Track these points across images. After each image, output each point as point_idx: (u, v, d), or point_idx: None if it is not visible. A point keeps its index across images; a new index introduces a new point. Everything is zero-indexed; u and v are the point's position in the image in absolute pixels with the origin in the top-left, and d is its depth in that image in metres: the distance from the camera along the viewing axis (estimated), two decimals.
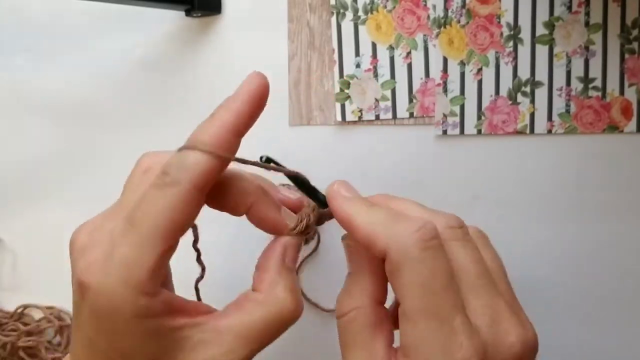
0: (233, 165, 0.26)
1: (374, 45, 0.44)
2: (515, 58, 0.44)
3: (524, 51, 0.44)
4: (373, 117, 0.45)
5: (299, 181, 0.29)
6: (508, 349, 0.25)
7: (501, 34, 0.44)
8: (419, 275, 0.24)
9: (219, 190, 0.26)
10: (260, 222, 0.27)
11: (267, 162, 0.28)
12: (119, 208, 0.26)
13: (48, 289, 0.49)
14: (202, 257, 0.29)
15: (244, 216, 0.28)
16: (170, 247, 0.24)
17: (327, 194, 0.28)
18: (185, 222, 0.24)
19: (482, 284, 0.26)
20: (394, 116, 0.45)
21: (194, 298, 0.29)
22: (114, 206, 0.27)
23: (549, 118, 0.44)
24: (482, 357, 0.24)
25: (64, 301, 0.49)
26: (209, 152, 0.24)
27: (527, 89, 0.44)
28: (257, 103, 0.26)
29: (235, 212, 0.27)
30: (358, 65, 0.44)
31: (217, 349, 0.24)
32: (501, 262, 0.29)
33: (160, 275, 0.24)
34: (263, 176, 0.29)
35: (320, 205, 0.29)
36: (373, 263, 0.27)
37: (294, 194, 0.29)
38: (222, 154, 0.24)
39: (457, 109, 0.44)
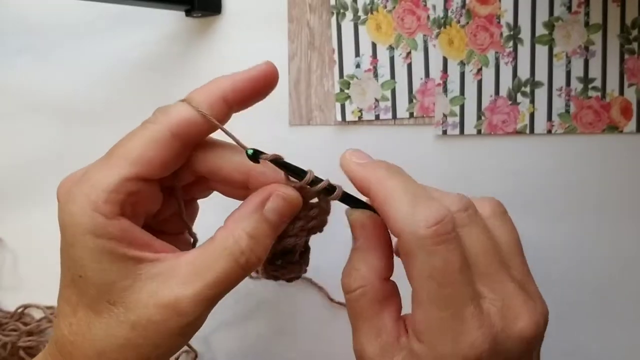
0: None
1: (374, 45, 0.44)
2: (515, 58, 0.44)
3: (523, 51, 0.44)
4: (373, 117, 0.45)
5: (279, 163, 0.28)
6: (518, 334, 0.25)
7: (501, 34, 0.44)
8: (432, 268, 0.24)
9: (217, 163, 0.28)
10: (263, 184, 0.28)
11: (255, 156, 0.27)
12: None
13: (48, 288, 0.48)
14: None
15: None
16: (135, 177, 0.25)
17: (342, 161, 0.28)
18: (154, 158, 0.26)
19: (491, 272, 0.26)
20: (394, 116, 0.45)
21: None
22: None
23: (549, 118, 0.44)
24: (492, 345, 0.24)
25: None
26: (193, 106, 0.26)
27: (527, 89, 0.44)
28: (256, 81, 0.27)
29: (234, 182, 0.28)
30: (358, 66, 0.44)
31: (172, 280, 0.25)
32: (515, 235, 0.29)
33: (121, 203, 0.25)
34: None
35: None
36: (381, 239, 0.27)
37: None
38: (205, 112, 0.26)
39: (457, 109, 0.44)
